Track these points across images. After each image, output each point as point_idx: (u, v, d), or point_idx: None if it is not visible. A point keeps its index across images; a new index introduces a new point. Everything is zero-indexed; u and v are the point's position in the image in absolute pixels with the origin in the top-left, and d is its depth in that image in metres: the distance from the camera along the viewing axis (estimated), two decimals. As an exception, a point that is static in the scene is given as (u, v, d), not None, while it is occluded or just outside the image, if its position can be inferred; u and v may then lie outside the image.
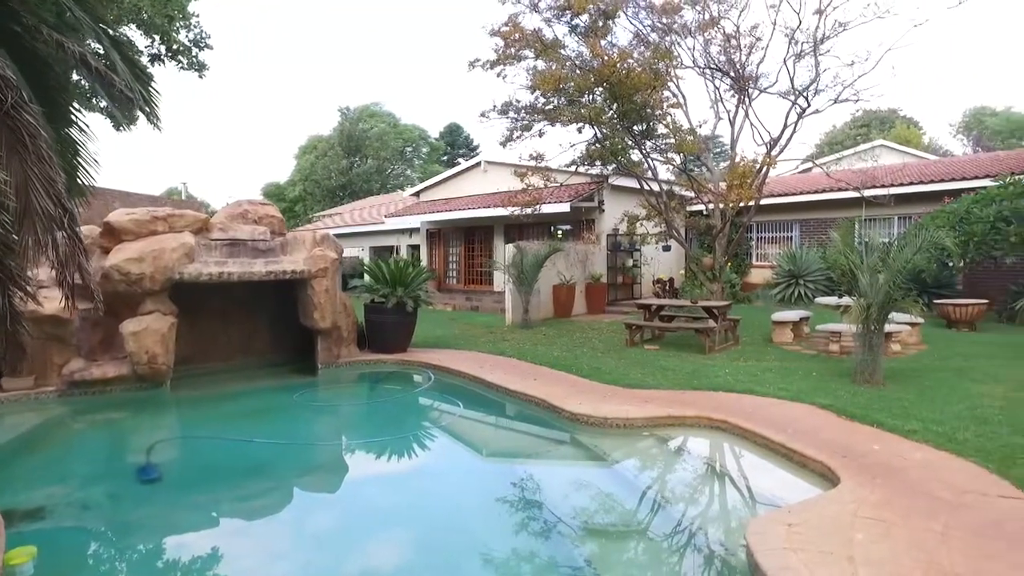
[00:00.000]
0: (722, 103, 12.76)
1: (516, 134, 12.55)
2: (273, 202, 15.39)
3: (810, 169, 19.75)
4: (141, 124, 16.02)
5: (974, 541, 3.44)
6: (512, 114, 12.50)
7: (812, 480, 4.65)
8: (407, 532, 4.45)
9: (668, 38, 12.37)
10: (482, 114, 12.82)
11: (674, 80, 12.15)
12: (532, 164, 13.01)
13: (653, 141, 13.03)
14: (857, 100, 11.68)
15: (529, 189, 13.20)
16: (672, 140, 12.36)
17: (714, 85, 12.70)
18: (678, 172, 14.78)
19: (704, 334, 9.98)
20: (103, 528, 4.65)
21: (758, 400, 6.68)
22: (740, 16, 11.95)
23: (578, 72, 11.38)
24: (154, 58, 17.45)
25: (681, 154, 12.42)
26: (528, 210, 13.36)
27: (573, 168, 13.32)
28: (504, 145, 12.95)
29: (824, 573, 3.06)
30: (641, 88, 10.85)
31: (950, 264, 12.63)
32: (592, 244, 16.20)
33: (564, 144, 14.50)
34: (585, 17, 11.75)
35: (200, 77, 18.15)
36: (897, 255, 7.26)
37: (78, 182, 3.39)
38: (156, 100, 3.66)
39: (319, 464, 6.19)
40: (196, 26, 17.99)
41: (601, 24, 11.76)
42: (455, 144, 57.65)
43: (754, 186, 11.79)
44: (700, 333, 10.13)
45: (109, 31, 3.73)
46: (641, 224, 13.89)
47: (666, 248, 16.55)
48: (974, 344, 9.95)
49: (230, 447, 6.34)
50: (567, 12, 11.74)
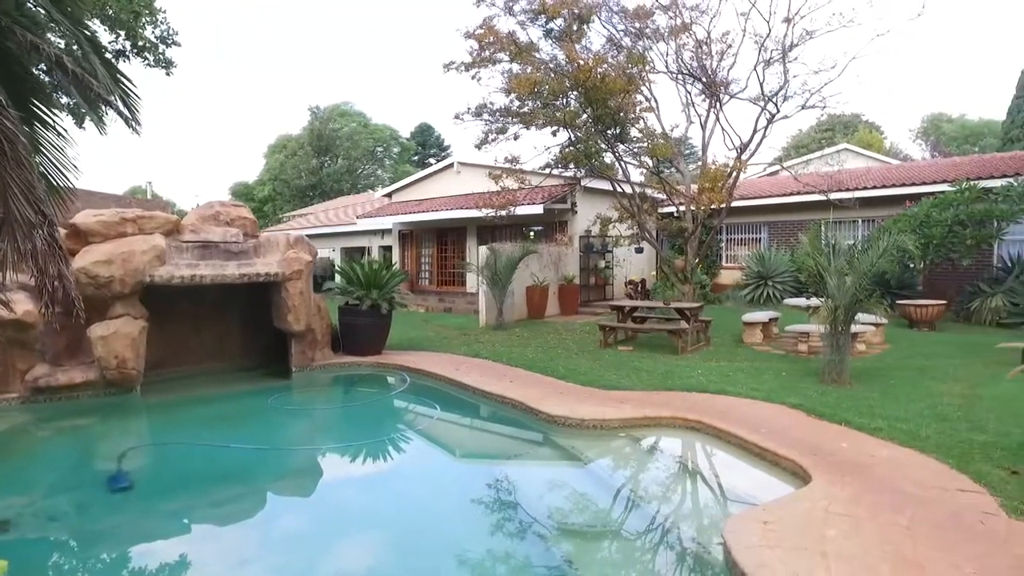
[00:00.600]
0: (693, 107, 12.98)
1: (491, 137, 12.60)
2: (243, 203, 15.14)
3: (777, 172, 20.19)
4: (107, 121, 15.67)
5: (936, 534, 3.60)
6: (487, 116, 12.54)
7: (785, 478, 4.79)
8: (386, 536, 4.46)
9: (641, 43, 12.53)
10: (456, 116, 12.84)
11: (647, 84, 12.32)
12: (507, 166, 13.08)
13: (626, 145, 13.20)
14: (824, 107, 12.01)
15: (503, 191, 13.26)
16: (645, 144, 12.52)
17: (686, 90, 12.91)
18: (649, 175, 14.99)
19: (677, 335, 10.15)
20: (73, 539, 4.54)
21: (731, 400, 6.84)
22: (711, 22, 12.20)
23: (553, 76, 11.47)
24: (119, 54, 17.06)
25: (654, 158, 12.59)
26: (502, 212, 13.42)
27: (547, 171, 13.42)
28: (479, 147, 13.00)
29: (799, 568, 3.18)
30: (616, 93, 11.00)
31: (911, 266, 13.06)
32: (565, 246, 16.32)
33: (539, 147, 14.57)
34: (560, 21, 11.86)
35: (168, 75, 17.81)
36: (863, 258, 7.51)
37: (56, 187, 3.32)
38: (136, 105, 3.60)
39: (296, 469, 6.13)
40: (163, 22, 17.68)
41: (575, 28, 11.88)
42: (426, 144, 57.42)
43: (725, 189, 12.03)
44: (673, 334, 10.30)
45: (86, 32, 3.65)
46: (614, 226, 14.06)
47: (639, 250, 16.77)
48: (934, 344, 10.32)
49: (204, 453, 6.23)
50: (542, 16, 11.83)
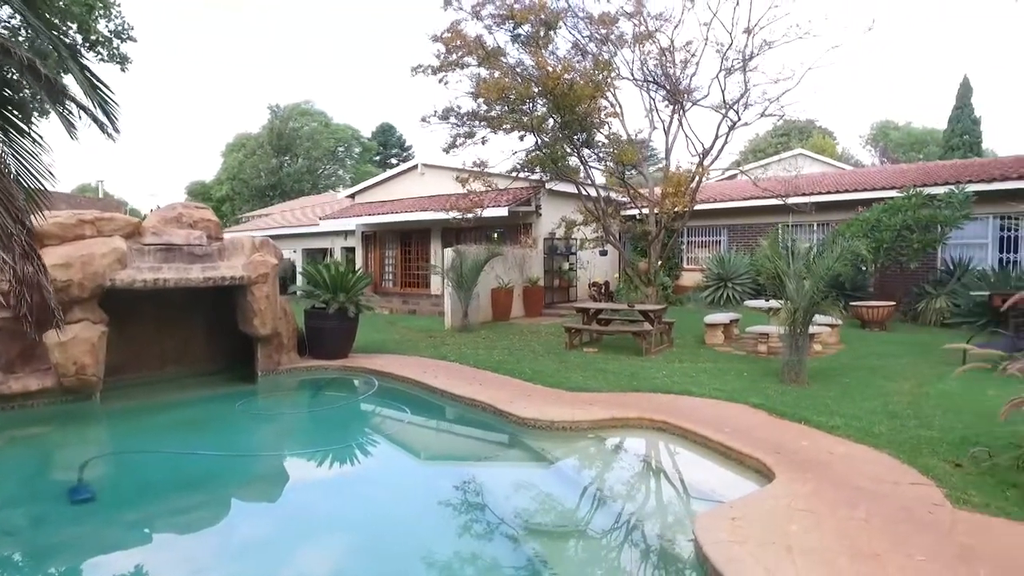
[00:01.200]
0: (657, 113, 13.25)
1: (460, 140, 12.64)
2: (203, 204, 14.81)
3: (735, 176, 20.74)
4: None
5: (889, 526, 3.82)
6: (453, 120, 12.58)
7: (749, 476, 4.99)
8: (358, 542, 4.47)
9: (606, 48, 12.74)
10: (423, 119, 12.86)
11: (612, 90, 12.54)
12: (474, 169, 13.14)
13: (592, 149, 13.40)
14: (783, 116, 12.42)
15: (471, 194, 13.32)
16: (612, 149, 12.73)
17: (649, 96, 13.17)
18: (609, 175, 15.18)
19: (641, 337, 10.37)
20: (31, 554, 4.35)
21: (696, 401, 7.05)
22: (675, 31, 12.46)
23: (520, 81, 11.59)
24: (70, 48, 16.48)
25: (620, 163, 12.81)
26: (469, 215, 13.48)
27: (514, 174, 13.53)
28: (448, 151, 13.03)
29: (767, 562, 3.34)
30: (584, 99, 11.18)
31: (864, 269, 13.62)
32: (530, 248, 16.47)
33: (506, 151, 14.66)
34: (527, 27, 11.97)
35: (122, 70, 17.26)
36: (820, 261, 7.83)
37: (31, 195, 3.23)
38: (115, 112, 3.52)
39: (264, 475, 6.07)
40: (118, 16, 17.10)
41: (543, 34, 12.02)
42: (388, 144, 57.03)
43: (688, 194, 12.33)
44: (637, 336, 10.52)
45: (64, 40, 3.59)
46: (579, 229, 14.24)
47: (603, 253, 17.03)
48: (885, 343, 10.79)
49: (170, 461, 6.11)
50: (509, 21, 11.92)
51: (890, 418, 6.18)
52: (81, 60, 3.71)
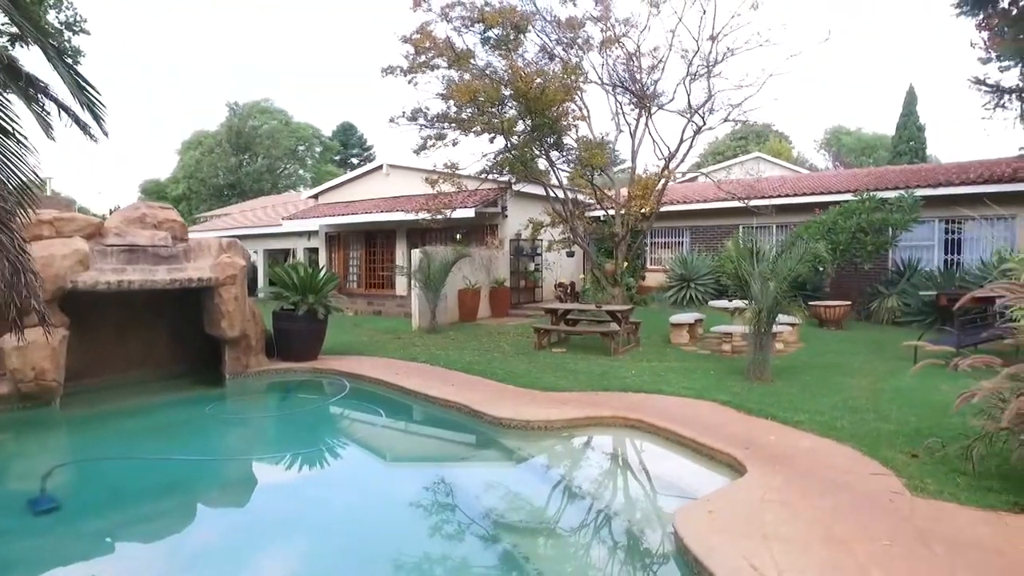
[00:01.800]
0: (623, 116, 13.48)
1: (430, 143, 12.63)
2: (164, 203, 14.45)
3: (696, 178, 21.20)
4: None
5: (855, 514, 4.04)
6: (422, 121, 12.57)
7: (722, 471, 5.17)
8: (341, 545, 4.46)
9: (573, 51, 12.91)
10: (391, 120, 12.80)
11: (580, 93, 12.71)
12: (444, 171, 13.14)
13: (561, 152, 13.55)
14: (745, 122, 12.78)
15: (441, 195, 13.33)
16: (582, 152, 12.89)
17: (616, 99, 13.40)
18: (578, 176, 15.36)
19: (609, 337, 10.55)
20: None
21: (667, 399, 7.22)
22: (640, 36, 12.71)
23: (491, 83, 11.65)
24: (15, 39, 15.83)
25: (589, 167, 12.98)
26: (439, 216, 13.49)
27: (483, 176, 13.58)
28: (418, 153, 12.99)
29: (745, 550, 3.49)
30: (556, 103, 11.31)
31: (821, 269, 14.11)
32: (496, 249, 16.54)
33: (475, 153, 14.73)
34: (497, 30, 12.04)
35: (75, 63, 16.66)
36: (782, 263, 8.12)
37: (19, 200, 3.13)
38: (103, 113, 3.44)
39: (235, 480, 5.98)
40: (69, 7, 16.55)
41: (513, 37, 12.10)
42: (348, 144, 56.40)
43: (654, 196, 12.59)
44: (605, 336, 10.69)
45: (52, 42, 3.49)
46: (546, 230, 14.38)
47: (570, 254, 17.22)
48: (842, 342, 11.24)
49: (138, 468, 5.96)
50: (479, 24, 11.97)
51: (851, 413, 6.47)
52: (67, 59, 3.62)
